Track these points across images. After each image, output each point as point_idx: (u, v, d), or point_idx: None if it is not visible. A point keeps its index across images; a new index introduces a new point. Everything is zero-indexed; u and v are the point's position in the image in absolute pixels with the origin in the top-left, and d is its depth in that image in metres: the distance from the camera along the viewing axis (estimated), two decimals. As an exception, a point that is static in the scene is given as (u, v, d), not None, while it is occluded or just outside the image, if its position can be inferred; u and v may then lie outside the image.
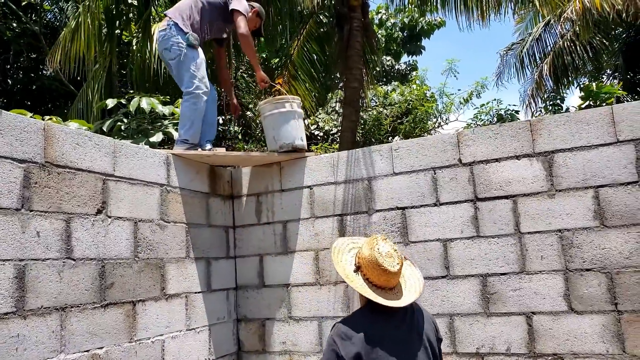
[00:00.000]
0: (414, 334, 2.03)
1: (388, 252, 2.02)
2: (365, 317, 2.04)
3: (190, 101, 3.78)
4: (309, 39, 8.80)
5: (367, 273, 2.03)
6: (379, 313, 2.01)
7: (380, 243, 2.05)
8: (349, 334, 1.95)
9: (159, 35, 3.80)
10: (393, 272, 2.00)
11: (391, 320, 2.02)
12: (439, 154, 3.47)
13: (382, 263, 1.99)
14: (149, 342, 3.12)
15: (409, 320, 2.06)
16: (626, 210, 2.96)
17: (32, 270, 2.48)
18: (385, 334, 1.97)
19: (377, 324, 1.99)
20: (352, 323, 2.01)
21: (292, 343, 3.76)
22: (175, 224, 3.48)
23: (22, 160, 2.52)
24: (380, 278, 2.01)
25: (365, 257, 2.04)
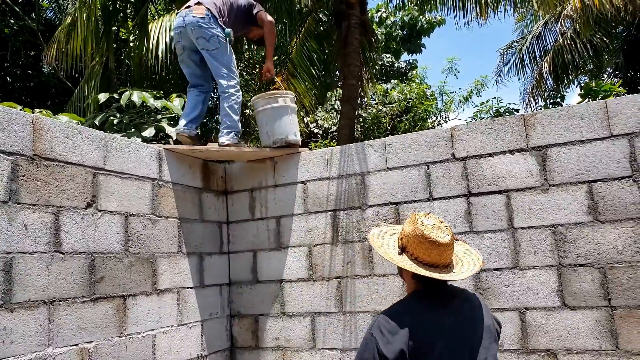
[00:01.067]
0: (473, 327, 1.76)
1: (434, 225, 1.81)
2: (412, 305, 1.78)
3: (236, 95, 3.86)
4: (307, 37, 8.77)
5: (414, 251, 1.79)
6: (429, 300, 1.78)
7: (423, 217, 1.84)
8: (392, 327, 1.68)
9: (194, 20, 3.75)
10: (444, 244, 1.76)
11: (444, 310, 1.76)
12: (433, 148, 3.45)
13: (430, 234, 1.77)
14: (139, 336, 3.10)
15: (468, 310, 1.80)
16: (620, 205, 2.94)
17: (19, 263, 2.46)
18: (437, 326, 1.71)
19: (427, 314, 1.73)
20: (396, 314, 1.74)
21: (285, 339, 3.74)
22: (167, 219, 3.46)
23: (10, 152, 2.50)
24: (430, 253, 1.77)
25: (409, 234, 1.82)
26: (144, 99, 4.66)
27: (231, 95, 3.83)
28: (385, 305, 3.41)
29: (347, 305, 3.56)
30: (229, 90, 3.83)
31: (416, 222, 1.82)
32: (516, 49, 13.01)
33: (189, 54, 3.94)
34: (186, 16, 3.81)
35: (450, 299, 1.82)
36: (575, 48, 11.06)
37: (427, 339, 1.67)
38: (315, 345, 3.62)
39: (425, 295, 1.81)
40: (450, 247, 1.81)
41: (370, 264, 3.52)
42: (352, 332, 3.52)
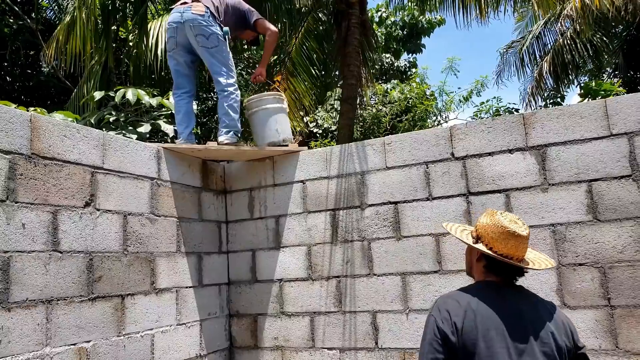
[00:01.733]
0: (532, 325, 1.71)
1: (512, 219, 1.83)
2: (475, 290, 1.78)
3: (235, 93, 3.85)
4: (307, 37, 8.76)
5: (490, 241, 1.79)
6: (494, 290, 1.77)
7: (501, 213, 1.86)
8: (449, 305, 1.71)
9: (194, 17, 3.73)
10: (523, 236, 1.77)
11: (505, 300, 1.74)
12: (432, 148, 3.44)
13: (509, 226, 1.78)
14: (138, 336, 3.09)
15: (530, 309, 1.75)
16: (619, 204, 2.93)
17: (17, 262, 2.45)
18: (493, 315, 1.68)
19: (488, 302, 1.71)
20: (455, 295, 1.77)
21: (284, 338, 3.74)
22: (166, 218, 3.46)
23: (7, 151, 2.50)
24: (508, 244, 1.76)
25: (487, 225, 1.82)
26: (139, 96, 4.64)
27: (230, 94, 3.82)
28: (384, 304, 3.41)
29: (347, 305, 3.55)
30: (228, 89, 3.82)
31: (495, 214, 1.84)
32: (516, 48, 13.01)
33: (180, 52, 3.90)
34: (184, 12, 3.78)
35: (516, 296, 1.79)
36: (575, 48, 11.06)
37: (480, 322, 1.67)
38: (314, 345, 3.62)
39: (493, 285, 1.80)
40: (526, 241, 1.81)
41: (370, 264, 3.52)
42: (351, 331, 3.51)
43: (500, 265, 1.81)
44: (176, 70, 3.96)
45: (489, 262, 1.84)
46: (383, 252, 3.49)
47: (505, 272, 1.83)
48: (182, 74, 3.96)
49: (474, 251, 1.90)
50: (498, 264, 1.81)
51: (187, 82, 3.98)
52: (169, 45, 3.96)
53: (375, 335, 3.44)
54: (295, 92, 8.70)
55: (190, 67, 3.99)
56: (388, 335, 3.40)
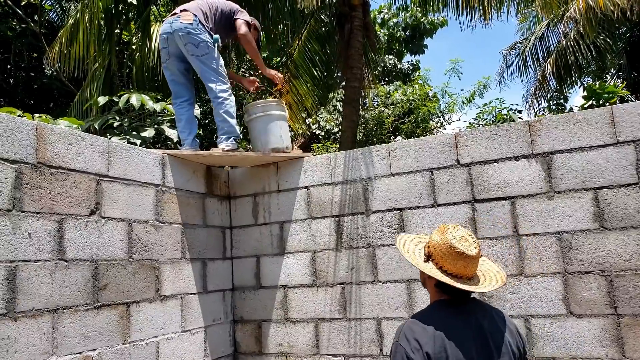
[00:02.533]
0: (493, 341, 1.77)
1: (462, 237, 1.83)
2: (435, 313, 1.82)
3: (229, 99, 3.84)
4: (310, 39, 8.76)
5: (440, 261, 1.82)
6: (452, 309, 1.81)
7: (452, 228, 1.86)
8: (417, 334, 1.73)
9: (182, 26, 3.73)
10: (471, 256, 1.79)
11: (466, 321, 1.79)
12: (437, 154, 3.44)
13: (458, 246, 1.79)
14: (143, 343, 3.09)
15: (488, 323, 1.81)
16: (626, 212, 2.92)
17: (23, 272, 2.46)
18: (459, 335, 1.73)
19: (449, 322, 1.76)
20: (420, 321, 1.78)
21: (289, 345, 3.73)
22: (171, 225, 3.46)
23: (14, 160, 2.50)
24: (456, 264, 1.79)
25: (437, 244, 1.84)
26: (143, 102, 4.64)
27: (224, 99, 3.81)
28: (389, 311, 3.41)
29: (351, 312, 3.54)
30: (222, 95, 3.81)
31: (445, 232, 1.84)
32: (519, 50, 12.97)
33: (174, 61, 3.91)
34: (173, 22, 3.79)
35: (473, 311, 1.83)
36: (579, 49, 11.02)
37: (449, 347, 1.69)
38: (319, 352, 3.61)
39: (449, 304, 1.83)
40: (476, 260, 1.83)
41: (375, 270, 3.51)
42: (356, 338, 3.51)
43: (448, 284, 1.81)
44: (172, 80, 3.98)
45: (439, 281, 1.84)
46: (388, 258, 3.48)
47: (454, 290, 1.83)
48: (178, 83, 3.97)
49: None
50: (446, 284, 1.82)
51: (185, 91, 3.98)
52: (162, 57, 3.98)
53: (380, 342, 3.44)
54: (297, 94, 8.70)
55: (186, 75, 3.99)
56: (393, 342, 3.40)
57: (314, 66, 8.93)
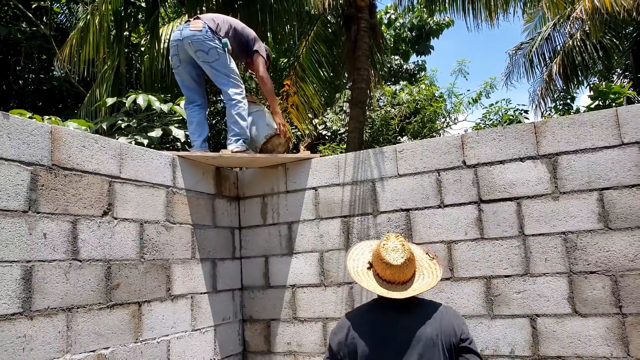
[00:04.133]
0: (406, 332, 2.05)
1: (394, 247, 2.11)
2: (363, 309, 2.19)
3: (243, 102, 3.90)
4: (317, 40, 8.81)
5: (376, 268, 2.13)
6: (382, 308, 2.10)
7: (390, 239, 2.15)
8: (341, 323, 2.16)
9: (192, 33, 3.78)
10: (396, 266, 2.07)
11: (384, 315, 2.10)
12: (443, 155, 3.48)
13: (385, 257, 2.08)
14: (154, 342, 3.15)
15: (407, 319, 2.09)
16: (630, 212, 2.95)
17: (38, 272, 2.52)
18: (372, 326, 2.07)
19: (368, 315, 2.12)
20: (348, 314, 2.20)
21: (297, 344, 3.78)
22: (181, 225, 3.52)
23: (30, 163, 2.56)
24: (385, 272, 2.08)
25: (373, 254, 2.16)
26: (150, 102, 4.70)
27: (238, 102, 3.87)
28: (396, 311, 3.44)
29: (359, 311, 3.59)
30: (236, 97, 3.87)
31: (380, 244, 2.16)
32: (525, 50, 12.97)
33: (185, 67, 3.96)
34: (183, 30, 3.84)
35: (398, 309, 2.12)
36: (585, 49, 11.02)
37: (358, 335, 2.04)
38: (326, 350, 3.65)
39: (379, 304, 2.16)
40: (402, 268, 2.09)
41: (381, 270, 3.55)
42: (363, 337, 3.55)
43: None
44: (184, 86, 4.04)
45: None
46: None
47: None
48: (190, 89, 4.03)
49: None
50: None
51: (197, 96, 4.04)
52: (173, 64, 4.03)
53: (387, 341, 3.48)
54: (304, 95, 8.76)
55: (197, 80, 4.04)
56: (400, 341, 3.44)
57: (320, 67, 8.98)
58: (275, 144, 4.08)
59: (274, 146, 4.09)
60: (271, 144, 4.06)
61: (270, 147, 4.07)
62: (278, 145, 4.11)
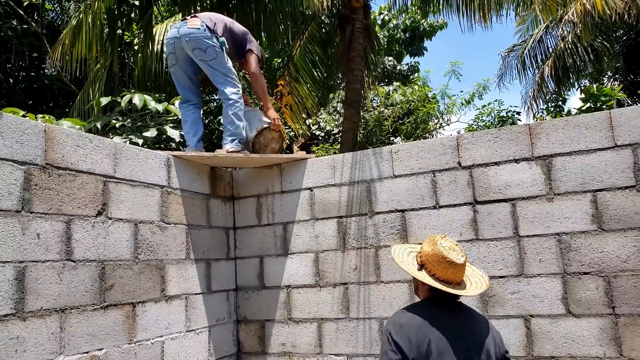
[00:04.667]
0: (473, 338, 1.97)
1: (450, 247, 2.07)
2: (422, 307, 2.05)
3: (239, 102, 3.88)
4: (311, 41, 8.79)
5: (432, 269, 2.06)
6: (438, 307, 2.03)
7: (440, 239, 2.10)
8: (403, 321, 1.96)
9: (190, 31, 3.76)
10: (459, 264, 2.03)
11: (449, 317, 2.01)
12: (439, 157, 3.48)
13: (448, 255, 2.02)
14: (148, 343, 3.13)
15: (470, 324, 2.02)
16: (624, 214, 2.97)
17: (32, 272, 2.49)
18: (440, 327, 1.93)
19: (433, 316, 1.98)
20: (407, 310, 2.03)
21: (292, 344, 3.78)
22: (176, 226, 3.50)
23: (23, 162, 2.54)
24: (447, 272, 2.03)
25: (428, 254, 2.08)
26: (146, 102, 4.66)
27: (235, 102, 3.86)
28: (392, 311, 3.45)
29: (354, 312, 3.59)
30: (233, 97, 3.86)
31: (436, 243, 2.07)
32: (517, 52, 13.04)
33: (181, 65, 3.93)
34: (180, 27, 3.82)
35: (458, 313, 2.05)
36: (576, 52, 11.10)
37: (431, 336, 1.90)
38: (322, 351, 3.66)
39: (438, 303, 2.06)
40: (463, 268, 2.06)
41: (377, 271, 3.56)
42: (359, 338, 3.55)
43: (439, 290, 2.05)
44: (180, 85, 4.01)
45: (432, 288, 2.08)
46: (390, 259, 3.52)
47: (444, 295, 2.07)
48: (185, 88, 4.01)
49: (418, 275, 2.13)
50: (437, 289, 2.05)
51: (193, 95, 4.02)
52: (169, 62, 4.00)
53: (382, 341, 3.48)
54: (298, 95, 8.74)
55: (193, 79, 4.02)
56: (395, 342, 3.44)
57: (314, 67, 8.97)
58: (268, 138, 4.06)
59: (267, 140, 4.07)
60: (264, 138, 4.04)
61: (263, 140, 4.04)
62: (271, 140, 4.09)
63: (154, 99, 4.85)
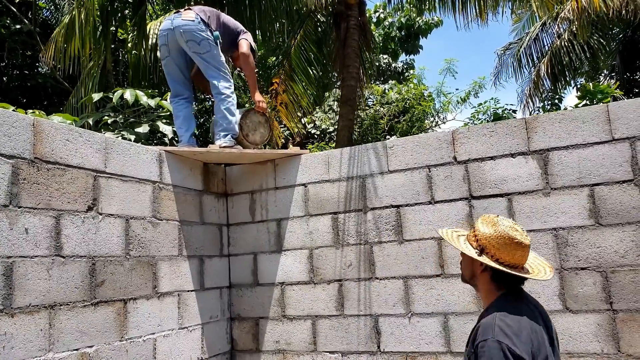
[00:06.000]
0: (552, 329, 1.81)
1: (512, 226, 1.81)
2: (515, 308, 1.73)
3: (232, 96, 3.85)
4: (306, 38, 8.75)
5: (496, 253, 1.77)
6: (520, 301, 1.78)
7: (501, 219, 1.83)
8: (514, 329, 1.63)
9: (184, 23, 3.72)
10: (527, 245, 1.79)
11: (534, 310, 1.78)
12: (434, 151, 3.45)
13: (516, 236, 1.76)
14: (140, 340, 3.08)
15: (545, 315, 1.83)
16: (621, 208, 2.94)
17: (20, 268, 2.44)
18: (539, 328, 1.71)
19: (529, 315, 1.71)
20: (509, 314, 1.69)
21: (286, 342, 3.73)
22: (168, 222, 3.45)
23: (11, 156, 2.48)
24: (515, 254, 1.76)
25: (490, 236, 1.79)
26: (137, 97, 4.62)
27: (227, 97, 3.82)
28: (386, 308, 3.41)
29: (349, 309, 3.55)
30: (225, 92, 3.81)
31: (497, 224, 1.80)
32: (513, 50, 13.04)
33: (174, 58, 3.89)
34: (174, 19, 3.77)
35: (532, 303, 1.82)
36: (573, 50, 11.09)
37: (539, 340, 1.66)
38: (316, 349, 3.61)
39: (515, 296, 1.80)
40: (529, 249, 1.81)
41: (372, 267, 3.52)
42: (353, 335, 3.51)
43: (507, 276, 1.79)
44: (171, 78, 3.96)
45: (496, 274, 1.82)
46: (385, 255, 3.49)
47: (513, 282, 1.82)
48: (177, 81, 3.96)
49: (477, 262, 1.85)
50: (505, 276, 1.79)
51: (184, 89, 3.97)
52: (161, 54, 3.95)
53: (378, 339, 3.45)
54: (293, 93, 8.71)
55: (184, 73, 3.97)
56: (390, 339, 3.41)
57: (309, 65, 8.93)
58: (255, 122, 4.02)
59: (254, 124, 4.03)
60: (250, 121, 4.00)
61: (250, 124, 4.00)
62: (258, 124, 4.05)
63: (147, 94, 4.80)
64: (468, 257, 1.90)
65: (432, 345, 3.29)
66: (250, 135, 3.99)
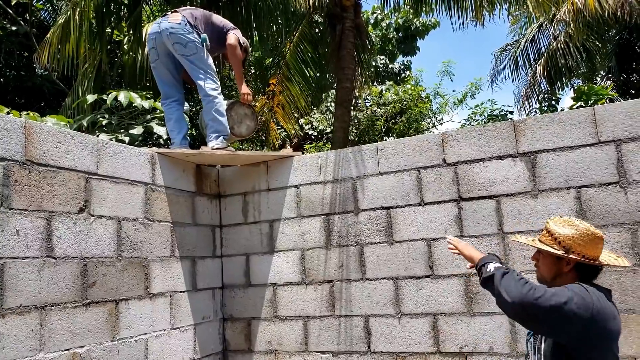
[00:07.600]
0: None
1: (585, 223, 1.94)
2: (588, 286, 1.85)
3: (219, 97, 3.87)
4: (302, 40, 8.78)
5: (582, 250, 1.88)
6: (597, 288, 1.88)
7: (573, 219, 1.95)
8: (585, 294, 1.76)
9: (170, 26, 3.75)
10: (604, 238, 1.93)
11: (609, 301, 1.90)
12: (424, 154, 3.48)
13: (596, 231, 1.90)
14: (132, 341, 3.11)
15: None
16: (607, 210, 2.97)
17: (11, 269, 2.47)
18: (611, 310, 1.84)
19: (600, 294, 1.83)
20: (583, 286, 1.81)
21: (278, 342, 3.76)
22: (160, 223, 3.48)
23: (2, 158, 2.51)
24: (597, 248, 1.90)
25: (573, 236, 1.89)
26: (131, 99, 4.64)
27: (214, 98, 3.84)
28: (377, 308, 3.44)
29: (340, 309, 3.58)
30: (212, 93, 3.84)
31: (575, 224, 1.92)
32: (510, 51, 13.07)
33: (162, 61, 3.91)
34: (161, 22, 3.81)
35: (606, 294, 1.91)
36: (569, 51, 11.13)
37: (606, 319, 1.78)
38: (307, 349, 3.65)
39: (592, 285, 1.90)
40: None
41: (363, 268, 3.55)
42: (344, 335, 3.54)
43: (593, 271, 1.93)
44: (161, 81, 3.98)
45: (582, 272, 1.92)
46: (376, 256, 3.52)
47: (593, 276, 1.95)
48: (167, 83, 3.98)
49: (562, 261, 1.93)
50: (591, 271, 1.93)
51: (175, 91, 3.99)
52: (150, 58, 3.98)
53: (368, 339, 3.48)
54: (290, 94, 8.73)
55: (175, 75, 3.99)
56: (380, 339, 3.44)
57: (306, 67, 8.96)
58: (240, 114, 4.06)
59: (240, 117, 4.06)
60: (235, 113, 4.03)
61: (236, 116, 4.03)
62: (245, 117, 4.08)
63: (141, 96, 4.83)
64: (550, 258, 1.97)
65: (422, 346, 3.33)
66: (236, 128, 4.02)
